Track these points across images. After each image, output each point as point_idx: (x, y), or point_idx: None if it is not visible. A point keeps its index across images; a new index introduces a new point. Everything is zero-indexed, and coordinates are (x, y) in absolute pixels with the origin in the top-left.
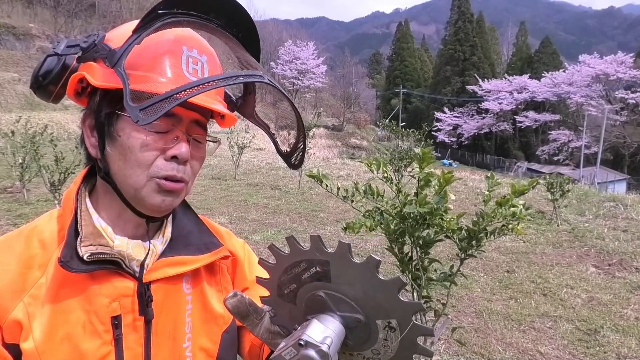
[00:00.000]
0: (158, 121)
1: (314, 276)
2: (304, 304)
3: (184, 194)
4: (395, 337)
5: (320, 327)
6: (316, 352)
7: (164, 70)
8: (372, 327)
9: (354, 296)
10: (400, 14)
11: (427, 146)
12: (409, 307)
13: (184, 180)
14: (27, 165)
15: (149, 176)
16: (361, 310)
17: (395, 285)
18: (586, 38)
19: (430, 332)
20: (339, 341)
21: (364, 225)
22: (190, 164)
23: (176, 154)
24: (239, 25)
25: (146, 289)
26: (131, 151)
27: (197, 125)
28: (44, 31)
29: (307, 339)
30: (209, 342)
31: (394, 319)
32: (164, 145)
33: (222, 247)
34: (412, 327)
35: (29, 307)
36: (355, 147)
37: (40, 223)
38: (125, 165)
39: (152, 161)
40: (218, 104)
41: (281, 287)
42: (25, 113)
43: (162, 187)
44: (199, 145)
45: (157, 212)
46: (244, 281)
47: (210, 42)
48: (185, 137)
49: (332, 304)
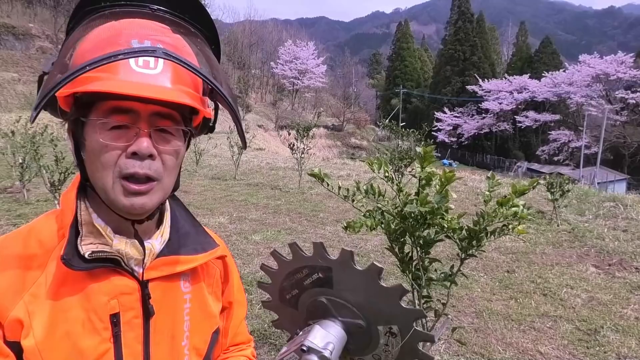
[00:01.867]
0: (112, 119)
1: (316, 282)
2: (305, 309)
3: (157, 192)
4: (396, 343)
5: (322, 333)
6: (318, 358)
7: (111, 68)
8: (374, 333)
9: (356, 302)
10: (400, 14)
11: (428, 145)
12: (410, 314)
13: (152, 177)
14: (27, 165)
15: (114, 177)
16: (363, 316)
17: (397, 292)
18: (586, 38)
19: (431, 338)
20: (341, 346)
21: (364, 224)
22: (161, 158)
23: (135, 150)
24: (182, 5)
25: (145, 287)
26: (95, 154)
27: (161, 117)
28: (44, 31)
29: (310, 345)
30: (200, 342)
31: (395, 325)
32: (125, 143)
33: (218, 247)
34: (413, 333)
35: (29, 306)
36: (355, 147)
37: (38, 224)
38: (94, 169)
39: (115, 161)
40: (173, 93)
41: (283, 293)
42: (25, 113)
43: (127, 189)
44: (168, 138)
45: (131, 214)
46: (230, 296)
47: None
48: (145, 132)
49: (334, 310)
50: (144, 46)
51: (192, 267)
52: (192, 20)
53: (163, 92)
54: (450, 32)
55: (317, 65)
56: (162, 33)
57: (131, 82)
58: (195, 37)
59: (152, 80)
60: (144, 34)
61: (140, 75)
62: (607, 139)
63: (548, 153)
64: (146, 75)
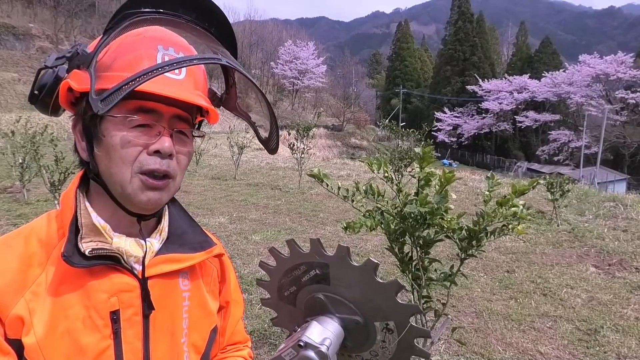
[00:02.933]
0: (138, 117)
1: (313, 279)
2: (303, 306)
3: (171, 190)
4: (393, 339)
5: (319, 329)
6: (315, 353)
7: (138, 69)
8: (371, 329)
9: (353, 298)
10: (400, 14)
11: (427, 146)
12: (406, 310)
13: (169, 174)
14: (27, 165)
15: (134, 172)
16: (360, 312)
17: (393, 287)
18: (586, 38)
19: (427, 333)
20: (338, 342)
21: (364, 224)
22: (176, 158)
23: (159, 148)
24: (210, 19)
25: (144, 285)
26: (114, 149)
27: (179, 120)
28: (44, 31)
29: (307, 340)
30: (199, 339)
31: (392, 321)
32: (147, 141)
33: (216, 245)
34: (409, 329)
35: (30, 304)
36: (355, 147)
37: (38, 223)
38: (111, 164)
39: (136, 157)
40: (196, 97)
41: (281, 290)
42: (25, 113)
43: (146, 183)
44: (184, 139)
45: (144, 209)
46: (227, 295)
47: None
48: (167, 132)
49: (331, 306)
50: (168, 53)
51: (190, 266)
52: (217, 33)
53: (191, 97)
54: (450, 32)
55: (317, 65)
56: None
57: (163, 85)
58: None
59: (178, 85)
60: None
61: (169, 79)
62: (607, 139)
63: (548, 153)
64: (174, 80)
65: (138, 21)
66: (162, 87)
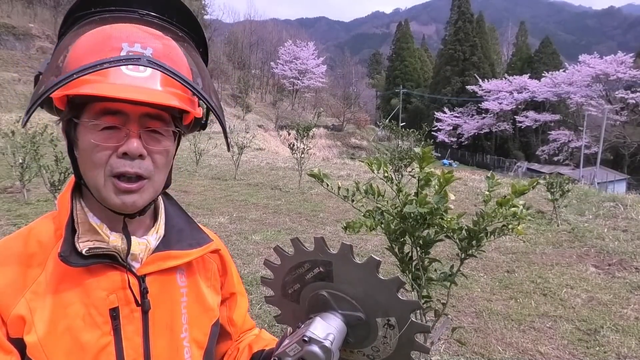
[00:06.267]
0: (104, 120)
1: (317, 276)
2: (307, 303)
3: (149, 190)
4: (394, 335)
5: (323, 325)
6: (319, 348)
7: (102, 71)
8: (372, 325)
9: (355, 295)
10: (400, 14)
11: (427, 146)
12: (407, 306)
13: (143, 175)
14: (27, 165)
15: (106, 175)
16: (362, 308)
17: (394, 284)
18: (586, 38)
19: (427, 329)
20: (341, 338)
21: (364, 224)
22: (151, 157)
23: (126, 150)
24: (169, 10)
25: (142, 282)
26: (87, 153)
27: (150, 118)
28: (44, 31)
29: (311, 336)
30: (200, 334)
31: (393, 317)
32: (116, 143)
33: (212, 242)
34: (410, 324)
35: (31, 303)
36: (355, 147)
37: (37, 224)
38: (86, 168)
39: (106, 160)
40: (159, 95)
41: (285, 287)
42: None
43: (117, 187)
44: (158, 137)
45: (124, 211)
46: (232, 287)
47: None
48: (135, 133)
49: (334, 303)
50: (133, 50)
51: (187, 262)
52: (180, 24)
53: (152, 95)
54: (450, 32)
55: (317, 66)
56: (152, 37)
57: (121, 85)
58: (183, 41)
59: (141, 83)
60: (134, 39)
61: (130, 78)
62: (607, 139)
63: (548, 153)
64: (136, 78)
65: (91, 22)
66: (114, 88)
